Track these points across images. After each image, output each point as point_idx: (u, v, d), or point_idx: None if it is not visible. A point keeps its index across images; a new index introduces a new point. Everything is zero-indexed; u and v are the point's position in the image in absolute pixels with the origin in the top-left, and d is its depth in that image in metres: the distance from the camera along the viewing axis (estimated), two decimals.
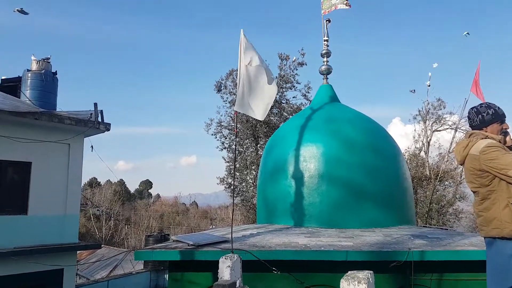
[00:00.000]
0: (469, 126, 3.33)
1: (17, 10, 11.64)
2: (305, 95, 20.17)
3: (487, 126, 3.16)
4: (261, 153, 17.98)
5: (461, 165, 3.25)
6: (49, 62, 10.74)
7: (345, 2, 8.99)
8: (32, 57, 10.45)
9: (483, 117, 3.17)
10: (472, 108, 3.29)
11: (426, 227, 9.79)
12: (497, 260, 2.96)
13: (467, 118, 3.34)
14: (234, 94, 18.87)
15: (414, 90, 20.49)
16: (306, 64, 20.00)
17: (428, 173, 19.70)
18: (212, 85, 20.60)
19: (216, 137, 20.63)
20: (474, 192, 3.14)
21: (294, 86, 20.27)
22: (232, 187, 18.84)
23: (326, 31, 9.53)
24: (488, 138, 3.08)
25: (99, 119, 9.82)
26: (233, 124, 19.71)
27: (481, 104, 3.26)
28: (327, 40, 9.53)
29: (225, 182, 20.53)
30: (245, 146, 20.56)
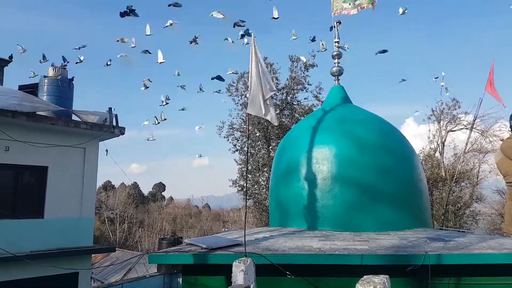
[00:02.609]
0: None
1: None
2: (316, 96, 20.14)
3: None
4: (273, 155, 17.92)
5: None
6: (65, 68, 10.99)
7: (365, 5, 8.89)
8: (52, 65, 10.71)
9: None
10: None
11: (442, 229, 9.61)
12: None
13: None
14: (246, 96, 18.88)
15: None
16: (317, 66, 20.00)
17: (443, 174, 19.36)
18: (224, 88, 20.66)
19: (228, 140, 20.72)
20: None
21: (305, 88, 20.27)
22: (244, 189, 18.81)
23: (336, 32, 9.49)
24: None
25: (114, 123, 9.97)
26: (244, 127, 19.72)
27: None
28: (337, 42, 9.48)
29: (237, 184, 20.55)
30: (257, 148, 20.57)
